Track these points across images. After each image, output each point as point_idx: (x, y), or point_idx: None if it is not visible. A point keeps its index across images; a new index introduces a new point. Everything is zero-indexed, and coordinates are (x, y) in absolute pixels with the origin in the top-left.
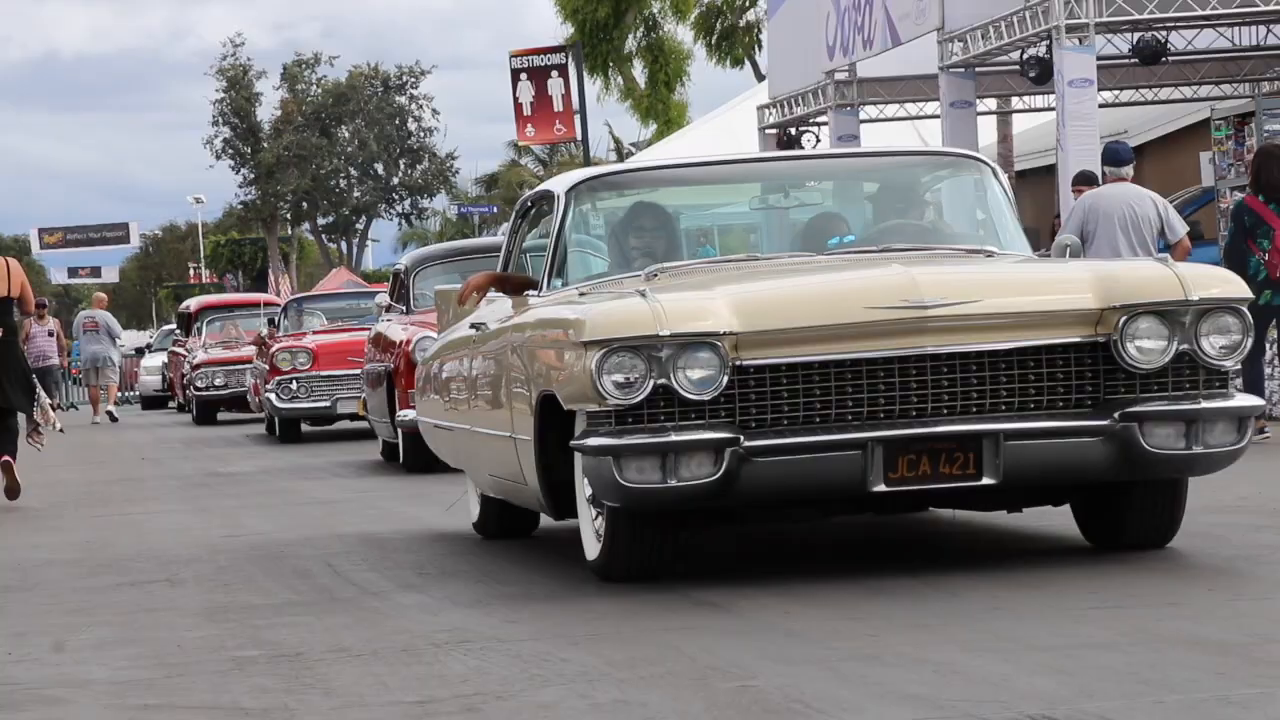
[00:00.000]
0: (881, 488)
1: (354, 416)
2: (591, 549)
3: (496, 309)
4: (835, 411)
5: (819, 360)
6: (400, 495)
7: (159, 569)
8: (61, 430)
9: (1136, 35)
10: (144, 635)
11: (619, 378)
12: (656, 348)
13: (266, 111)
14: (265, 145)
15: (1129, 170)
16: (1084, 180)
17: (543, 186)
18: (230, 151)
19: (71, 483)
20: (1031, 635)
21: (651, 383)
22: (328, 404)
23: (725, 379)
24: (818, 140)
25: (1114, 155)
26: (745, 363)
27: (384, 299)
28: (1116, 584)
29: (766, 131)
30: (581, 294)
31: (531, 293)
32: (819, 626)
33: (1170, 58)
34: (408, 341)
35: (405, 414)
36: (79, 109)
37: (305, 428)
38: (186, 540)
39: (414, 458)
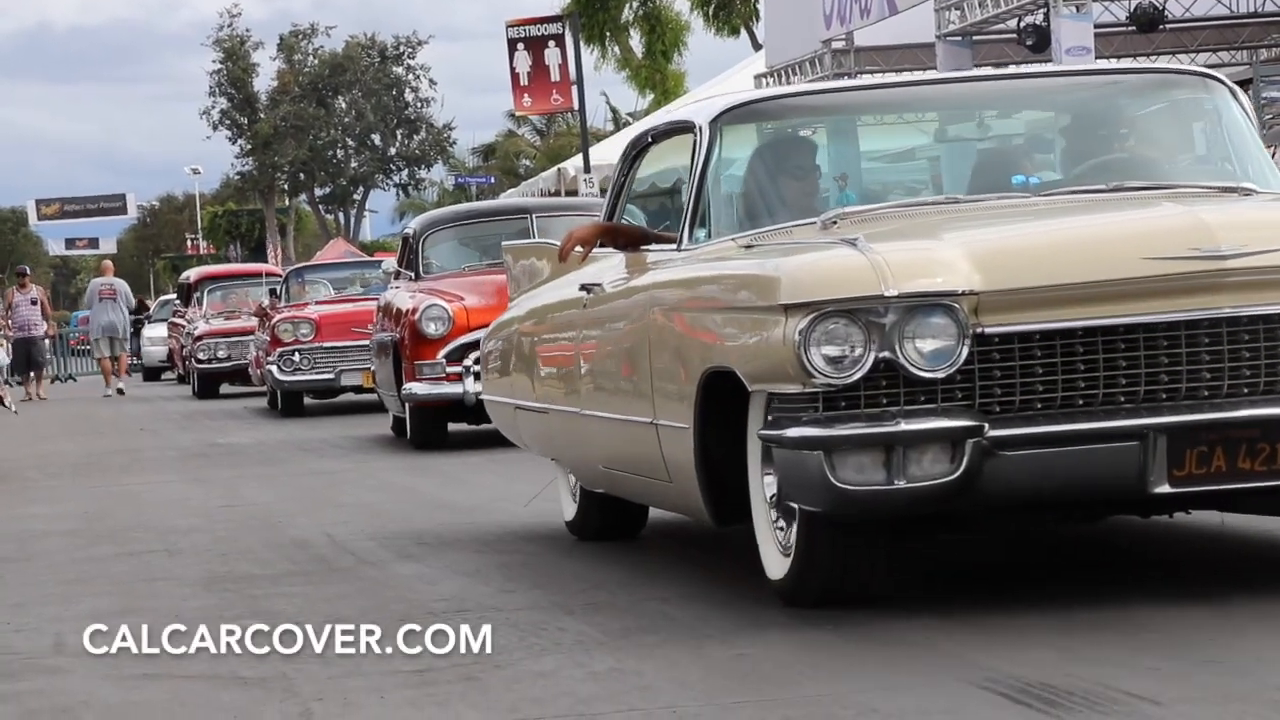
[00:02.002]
0: (1165, 489)
1: (358, 389)
2: (775, 566)
3: (607, 267)
4: (1104, 391)
5: (1083, 326)
6: (400, 467)
7: (157, 539)
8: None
9: (1134, 2)
10: (142, 605)
11: (832, 350)
12: (879, 312)
13: (263, 82)
14: (262, 116)
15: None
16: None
17: (675, 117)
18: (227, 122)
19: (70, 453)
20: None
21: (872, 356)
22: (331, 376)
23: (964, 351)
24: None
25: None
26: (988, 330)
27: (391, 265)
28: None
29: None
30: (748, 246)
31: (661, 247)
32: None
33: (1167, 25)
34: (414, 310)
35: (411, 387)
36: (73, 80)
37: (308, 401)
38: (185, 511)
39: (421, 433)
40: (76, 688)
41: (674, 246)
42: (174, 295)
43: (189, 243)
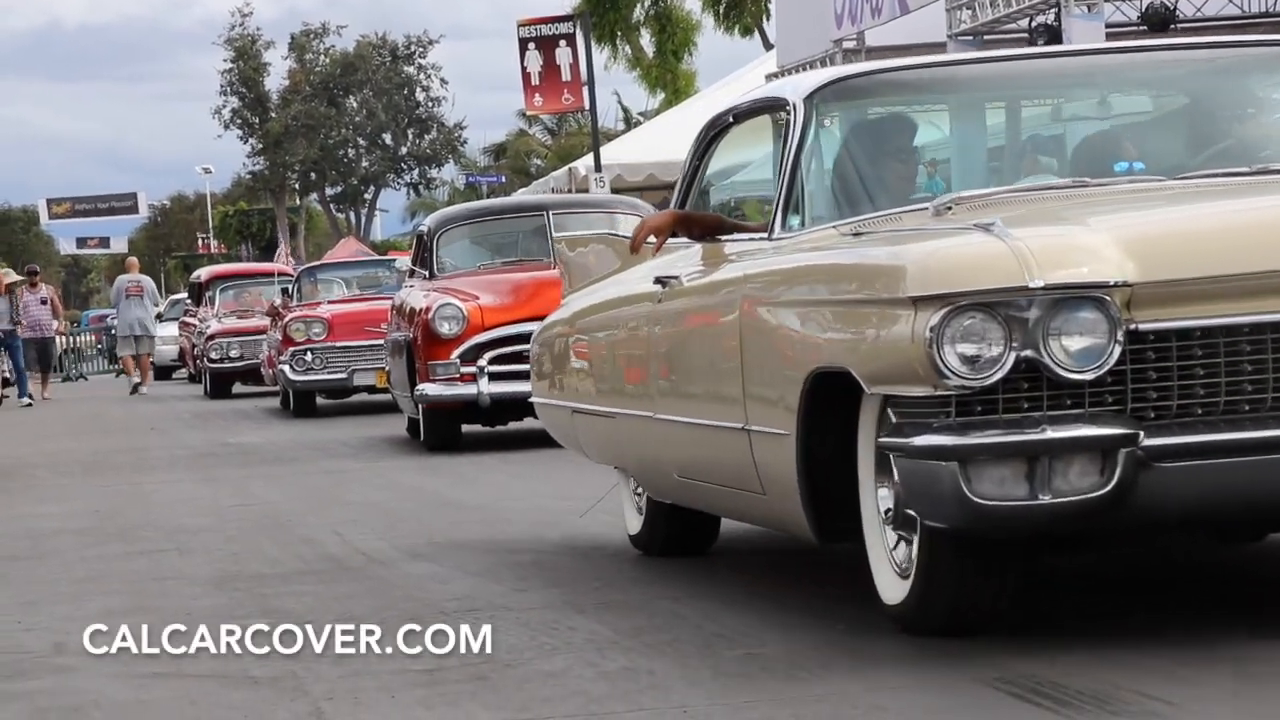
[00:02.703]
0: None
1: (371, 389)
2: (891, 589)
3: (681, 259)
4: (1272, 396)
5: (1250, 322)
6: (411, 467)
7: (167, 538)
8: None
9: (1145, 2)
10: (153, 604)
11: (968, 349)
12: (1021, 305)
13: (275, 81)
14: (273, 115)
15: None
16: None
17: (762, 94)
18: (238, 121)
19: (80, 452)
20: None
21: (1013, 355)
22: (344, 376)
23: (1116, 350)
24: None
25: None
26: (1142, 326)
27: (405, 264)
28: None
29: None
30: (856, 234)
31: (748, 236)
32: (828, 597)
33: (1179, 24)
34: (428, 309)
35: (424, 388)
36: (83, 79)
37: (321, 401)
38: (195, 509)
39: (434, 435)
40: (87, 686)
41: (762, 236)
42: (185, 294)
43: (200, 242)
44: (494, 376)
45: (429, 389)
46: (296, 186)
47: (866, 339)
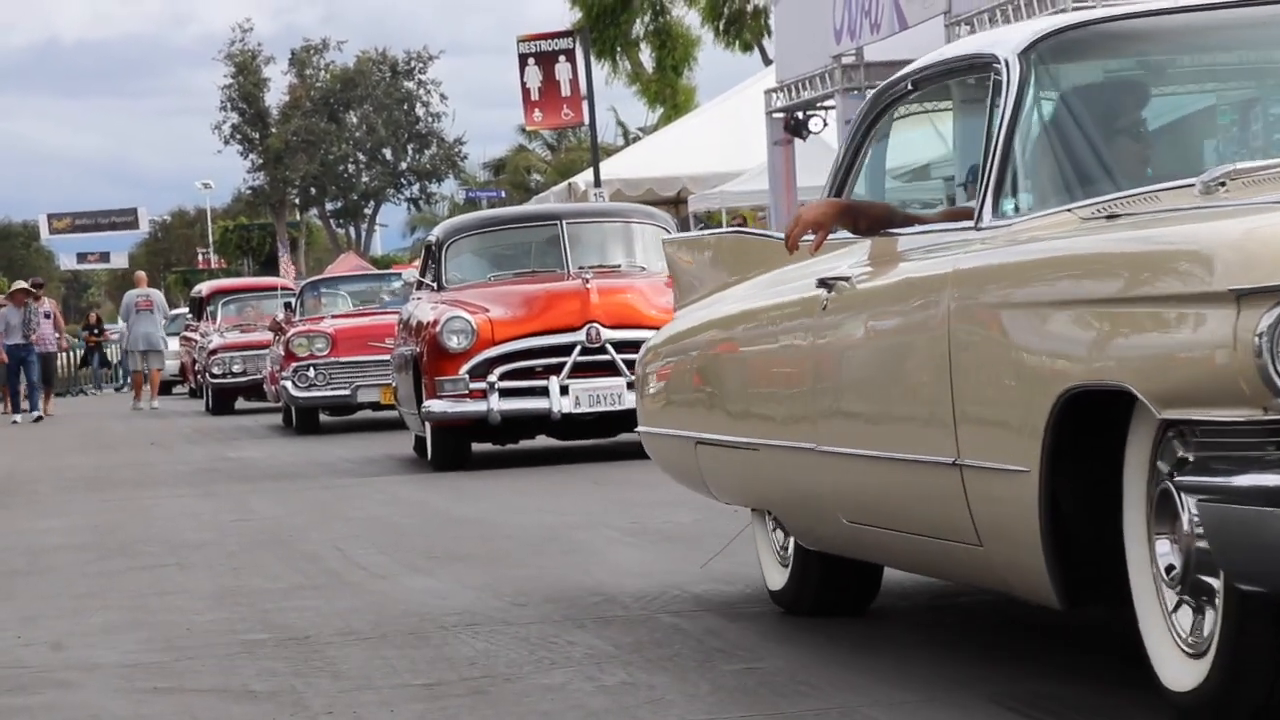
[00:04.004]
0: None
1: (376, 406)
2: (1176, 668)
3: (842, 258)
4: None
5: None
6: (412, 482)
7: (168, 553)
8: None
9: None
10: (153, 619)
11: None
12: None
13: (275, 97)
14: (274, 130)
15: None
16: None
17: (957, 51)
18: (239, 137)
19: (81, 467)
20: None
21: None
22: (347, 392)
23: None
24: (825, 124)
25: None
26: None
27: (413, 275)
28: None
29: (774, 115)
30: (1110, 216)
31: (945, 226)
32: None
33: None
34: (435, 323)
35: (431, 404)
36: (83, 94)
37: (324, 418)
38: (196, 524)
39: (442, 453)
40: (87, 701)
41: (964, 225)
42: (186, 309)
43: (200, 257)
44: (505, 393)
45: (436, 405)
46: (297, 201)
47: (1153, 348)
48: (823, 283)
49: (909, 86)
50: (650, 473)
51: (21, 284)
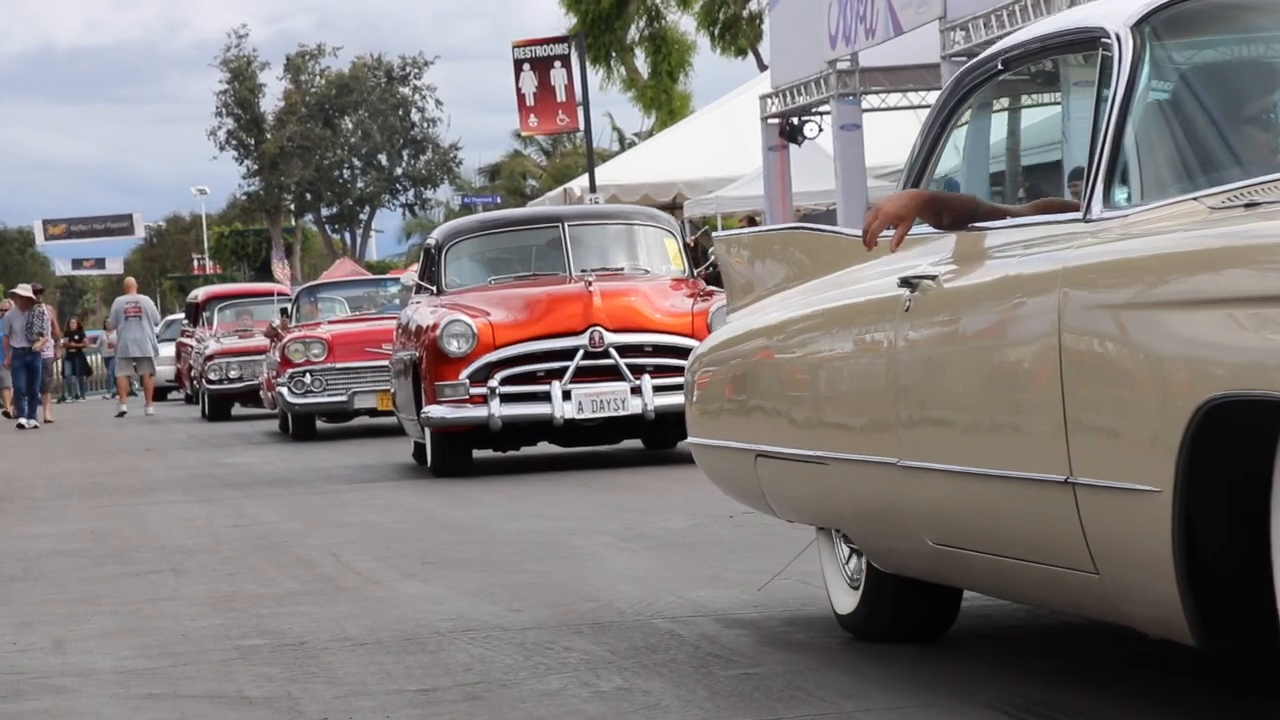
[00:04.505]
0: None
1: (373, 412)
2: None
3: (924, 254)
4: None
5: None
6: (406, 487)
7: (163, 559)
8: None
9: None
10: (148, 625)
11: None
12: None
13: (270, 103)
14: (269, 136)
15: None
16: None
17: (1059, 25)
18: (234, 143)
19: (76, 473)
20: None
21: None
22: (344, 399)
23: None
24: (820, 130)
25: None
26: None
27: (412, 278)
28: None
29: (769, 121)
30: (1249, 205)
31: (1054, 219)
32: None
33: None
34: (435, 326)
35: (431, 410)
36: (78, 101)
37: (320, 424)
38: (190, 530)
39: (442, 460)
40: (83, 707)
41: (1072, 218)
42: (182, 315)
43: (195, 263)
44: (506, 398)
45: (436, 411)
46: (292, 207)
47: None
48: (905, 282)
49: (999, 66)
50: (643, 477)
51: (26, 287)
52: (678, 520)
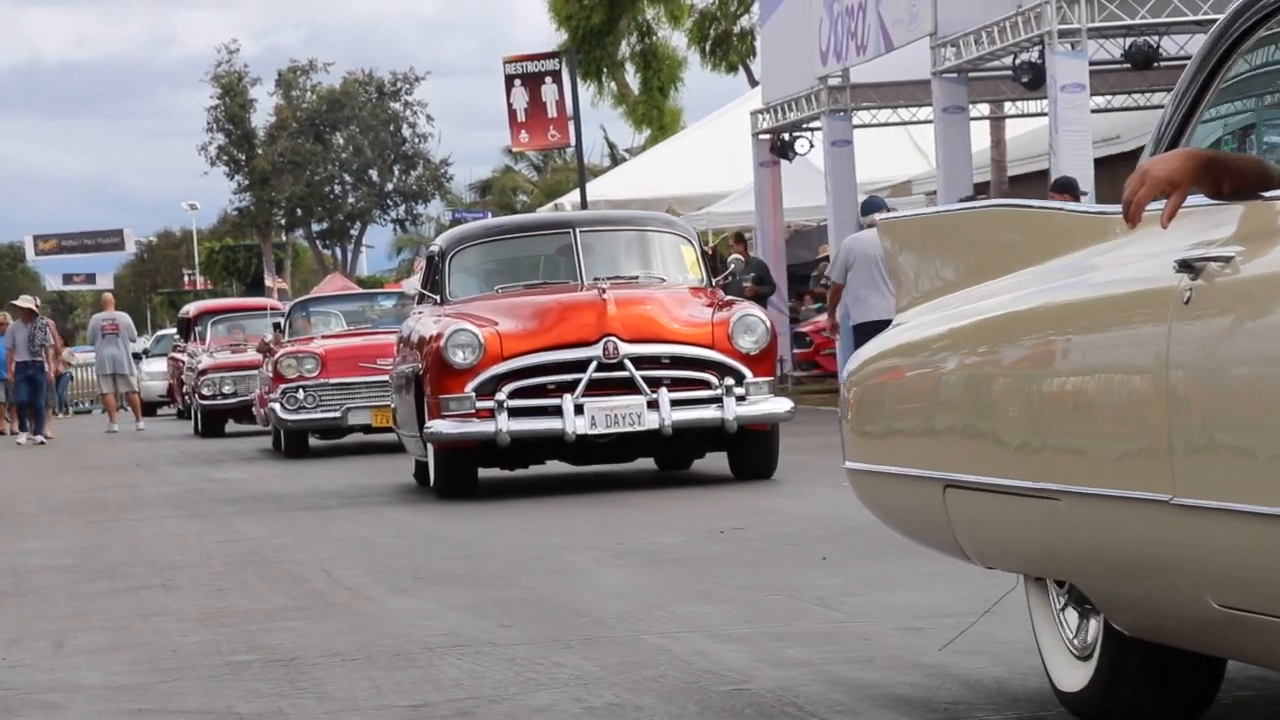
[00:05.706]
0: None
1: (367, 429)
2: None
3: (1200, 230)
4: None
5: None
6: (397, 503)
7: (154, 574)
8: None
9: (1129, 40)
10: (138, 640)
11: None
12: None
13: (261, 118)
14: (260, 152)
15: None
16: (1062, 187)
17: None
18: (225, 158)
19: (66, 489)
20: None
21: None
22: (337, 415)
23: None
24: (811, 145)
25: (872, 207)
26: None
27: (414, 287)
28: None
29: (760, 137)
30: None
31: None
32: (814, 630)
33: (1163, 63)
34: (438, 337)
35: (434, 425)
36: (68, 115)
37: (313, 441)
38: (181, 546)
39: (446, 479)
40: None
41: None
42: (173, 330)
43: (186, 278)
44: (515, 412)
45: (440, 426)
46: (283, 222)
47: None
48: (1185, 265)
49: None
50: (633, 493)
51: (26, 299)
52: (668, 536)
